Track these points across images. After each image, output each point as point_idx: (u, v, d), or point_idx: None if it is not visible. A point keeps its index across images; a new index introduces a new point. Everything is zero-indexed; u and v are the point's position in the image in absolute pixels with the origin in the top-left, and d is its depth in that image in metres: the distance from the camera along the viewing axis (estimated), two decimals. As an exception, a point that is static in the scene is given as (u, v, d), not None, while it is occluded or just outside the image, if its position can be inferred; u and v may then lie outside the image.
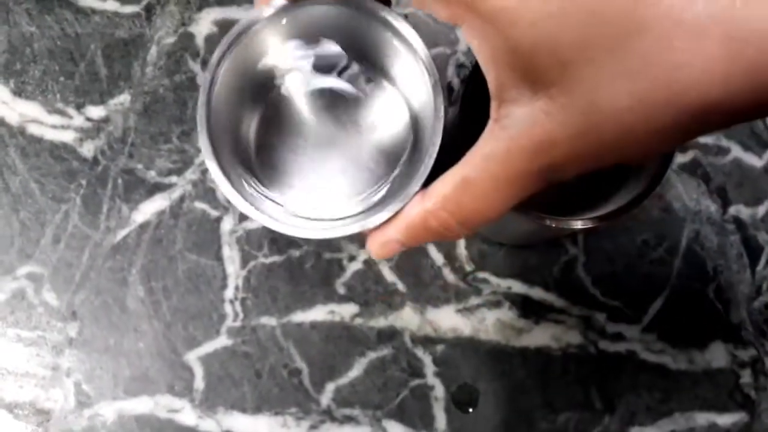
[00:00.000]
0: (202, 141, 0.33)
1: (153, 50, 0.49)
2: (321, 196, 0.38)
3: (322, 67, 0.37)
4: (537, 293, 0.46)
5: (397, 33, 0.33)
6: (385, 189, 0.37)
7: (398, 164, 0.37)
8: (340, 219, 0.36)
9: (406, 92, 0.37)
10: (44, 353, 0.46)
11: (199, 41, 0.49)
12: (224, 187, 0.32)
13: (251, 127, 0.38)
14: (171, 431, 0.45)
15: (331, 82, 0.38)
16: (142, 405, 0.45)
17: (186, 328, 0.46)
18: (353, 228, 0.32)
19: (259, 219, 0.32)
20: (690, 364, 0.45)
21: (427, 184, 0.30)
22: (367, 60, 0.37)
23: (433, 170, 0.31)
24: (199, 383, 0.45)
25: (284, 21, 0.34)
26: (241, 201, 0.32)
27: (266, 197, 0.36)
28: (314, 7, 0.33)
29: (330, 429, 0.45)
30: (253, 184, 0.36)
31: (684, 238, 0.46)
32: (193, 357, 0.45)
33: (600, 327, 0.45)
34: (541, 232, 0.39)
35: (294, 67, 0.36)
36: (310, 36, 0.36)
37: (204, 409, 0.45)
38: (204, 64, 0.48)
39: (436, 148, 0.31)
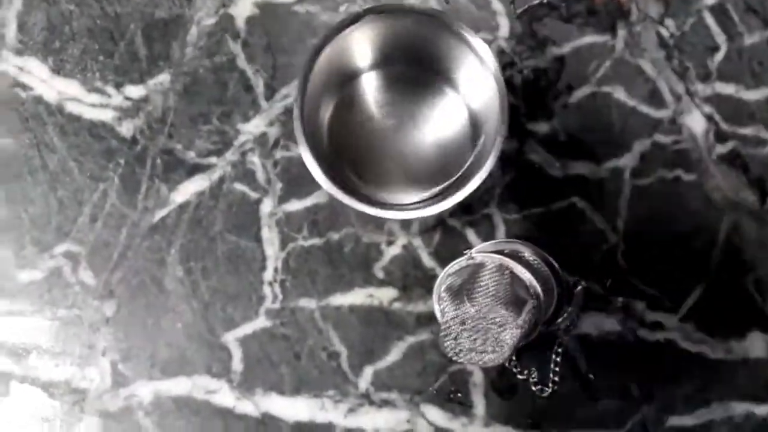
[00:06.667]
0: (303, 150, 0.37)
1: (193, 31, 0.48)
2: (391, 182, 0.43)
3: None
4: (576, 280, 0.46)
5: (469, 45, 0.38)
6: (458, 175, 0.42)
7: (466, 154, 0.42)
8: (416, 203, 0.40)
9: (467, 94, 0.43)
10: (80, 332, 0.46)
11: (240, 23, 0.48)
12: (326, 184, 0.37)
13: (326, 116, 0.43)
14: (208, 412, 0.45)
15: None
16: (179, 386, 0.45)
17: (224, 309, 0.45)
18: (437, 208, 0.37)
19: (359, 208, 0.37)
20: (728, 353, 0.45)
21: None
22: (432, 68, 0.42)
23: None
24: (237, 364, 0.45)
25: (368, 28, 0.38)
26: (340, 193, 0.37)
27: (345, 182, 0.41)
28: (396, 18, 0.38)
29: (368, 412, 0.45)
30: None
31: (723, 229, 0.46)
32: (231, 338, 0.45)
33: (639, 316, 0.45)
34: None
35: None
36: (388, 42, 0.40)
37: (242, 390, 0.45)
38: (245, 45, 0.48)
39: (505, 133, 0.36)
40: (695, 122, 0.47)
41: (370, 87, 0.44)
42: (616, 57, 0.48)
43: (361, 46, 0.40)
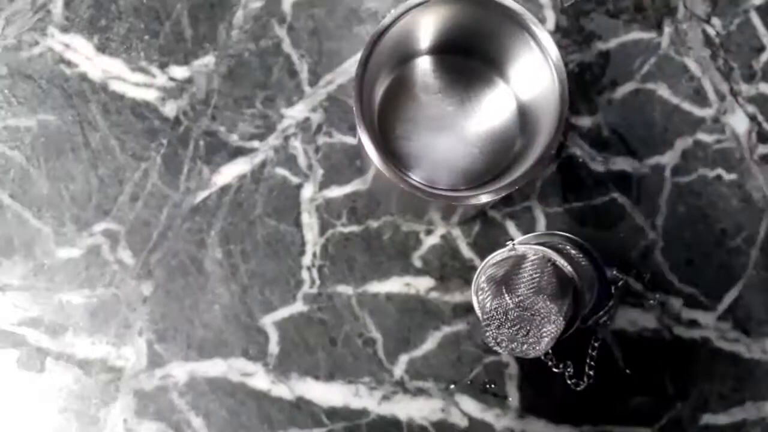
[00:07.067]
0: (361, 131, 0.36)
1: (239, 13, 0.48)
2: (436, 168, 0.42)
3: None
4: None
5: (531, 32, 0.37)
6: (505, 164, 0.42)
7: (513, 145, 0.42)
8: (464, 190, 0.40)
9: (518, 86, 0.42)
10: (117, 311, 0.46)
11: (286, 7, 0.48)
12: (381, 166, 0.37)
13: (377, 100, 0.42)
14: (243, 395, 0.45)
15: None
16: (215, 367, 0.45)
17: (263, 292, 0.46)
18: (490, 195, 0.36)
19: (414, 191, 0.37)
20: (763, 353, 0.45)
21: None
22: (486, 57, 0.42)
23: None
24: (274, 348, 0.45)
25: (432, 12, 0.38)
26: (396, 175, 0.36)
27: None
28: (462, 5, 0.38)
29: (402, 400, 0.45)
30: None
31: (762, 229, 0.46)
32: (268, 321, 0.45)
33: (675, 313, 0.45)
34: None
35: None
36: (446, 28, 0.40)
37: (277, 374, 0.45)
38: (291, 30, 0.48)
39: (561, 126, 0.36)
40: (738, 122, 0.47)
41: (423, 72, 0.44)
42: (661, 54, 0.48)
43: (420, 30, 0.39)
